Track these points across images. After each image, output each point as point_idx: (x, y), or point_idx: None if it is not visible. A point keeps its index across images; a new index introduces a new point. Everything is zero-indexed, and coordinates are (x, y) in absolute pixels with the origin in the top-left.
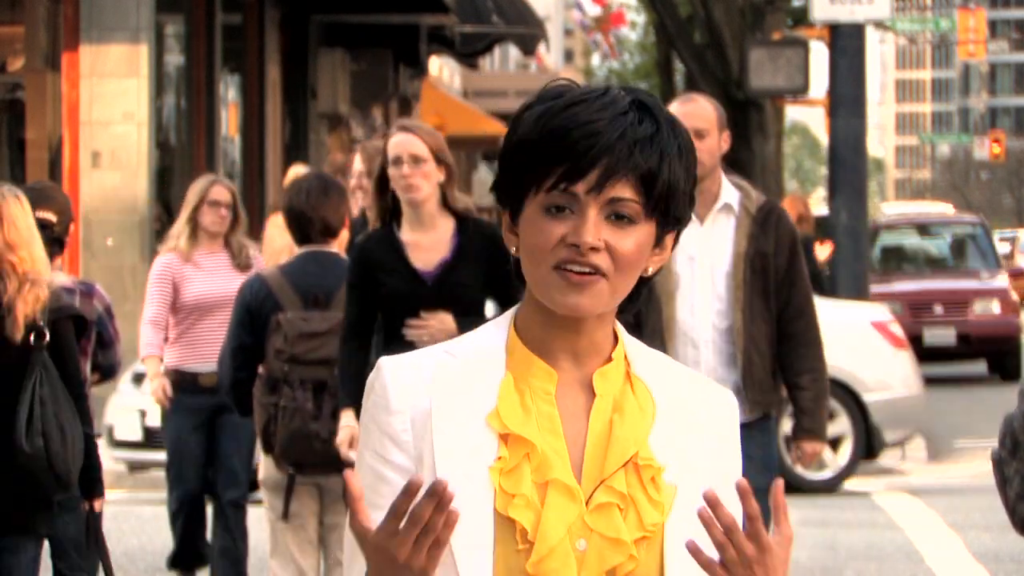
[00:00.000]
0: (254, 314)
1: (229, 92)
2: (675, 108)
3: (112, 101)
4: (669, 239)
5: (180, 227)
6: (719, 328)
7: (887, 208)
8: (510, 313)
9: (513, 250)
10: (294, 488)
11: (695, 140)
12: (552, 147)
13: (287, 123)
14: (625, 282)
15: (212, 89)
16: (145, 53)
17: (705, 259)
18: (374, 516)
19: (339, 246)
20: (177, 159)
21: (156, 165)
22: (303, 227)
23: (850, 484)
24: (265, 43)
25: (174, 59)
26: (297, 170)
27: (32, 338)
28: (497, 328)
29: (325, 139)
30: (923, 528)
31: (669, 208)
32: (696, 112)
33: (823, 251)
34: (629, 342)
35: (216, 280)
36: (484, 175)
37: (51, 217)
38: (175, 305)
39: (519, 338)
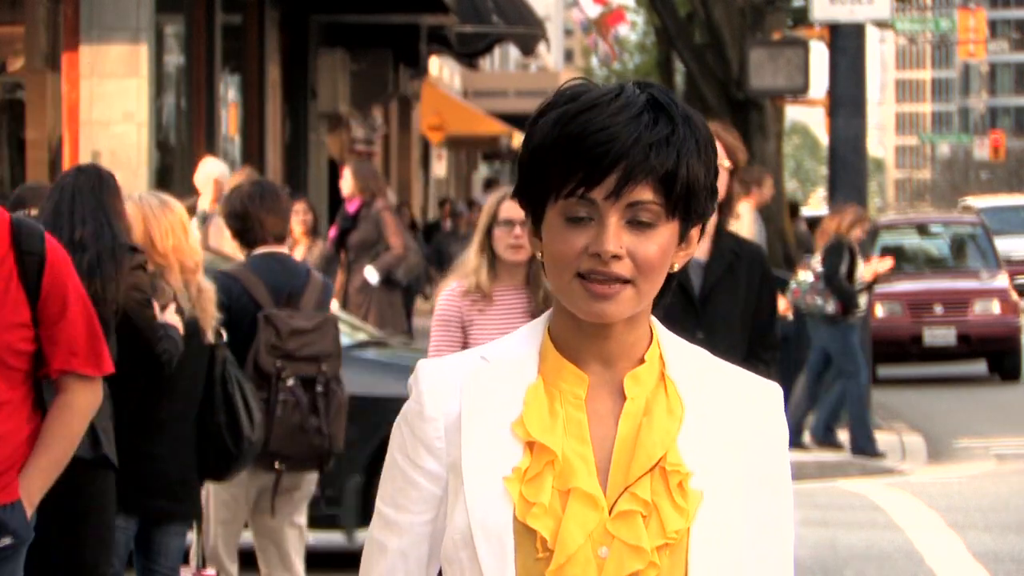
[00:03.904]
0: (232, 313)
1: (229, 92)
2: None
3: (112, 101)
4: (694, 233)
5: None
6: None
7: (974, 203)
8: (545, 317)
9: (538, 255)
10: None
11: None
12: (568, 154)
13: (287, 123)
14: (651, 285)
15: (212, 89)
16: (145, 53)
17: None
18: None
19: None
20: (177, 159)
21: (156, 165)
22: (254, 231)
23: (850, 484)
24: (265, 43)
25: (174, 59)
26: (210, 161)
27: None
28: (532, 332)
29: (325, 139)
30: (923, 528)
31: (690, 206)
32: None
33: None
34: (666, 342)
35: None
36: (484, 175)
37: None
38: None
39: (552, 343)
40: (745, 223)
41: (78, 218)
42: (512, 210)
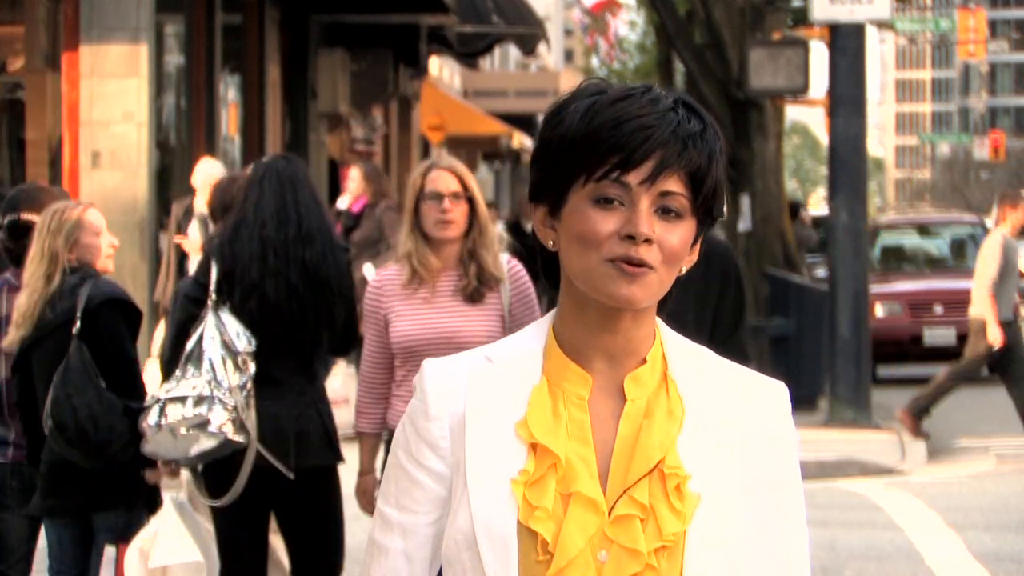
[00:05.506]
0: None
1: (229, 92)
2: None
3: (112, 101)
4: (698, 244)
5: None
6: None
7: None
8: (550, 316)
9: (549, 244)
10: None
11: None
12: (605, 138)
13: (287, 123)
14: (670, 276)
15: (212, 89)
16: (145, 53)
17: None
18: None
19: None
20: (177, 159)
21: (156, 165)
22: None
23: (850, 484)
24: (265, 43)
25: (174, 59)
26: (208, 162)
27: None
28: (537, 331)
29: (325, 139)
30: (923, 528)
31: (712, 206)
32: None
33: None
34: (670, 342)
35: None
36: (484, 175)
37: (37, 219)
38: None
39: (556, 342)
40: (993, 250)
41: (303, 209)
42: (440, 181)
